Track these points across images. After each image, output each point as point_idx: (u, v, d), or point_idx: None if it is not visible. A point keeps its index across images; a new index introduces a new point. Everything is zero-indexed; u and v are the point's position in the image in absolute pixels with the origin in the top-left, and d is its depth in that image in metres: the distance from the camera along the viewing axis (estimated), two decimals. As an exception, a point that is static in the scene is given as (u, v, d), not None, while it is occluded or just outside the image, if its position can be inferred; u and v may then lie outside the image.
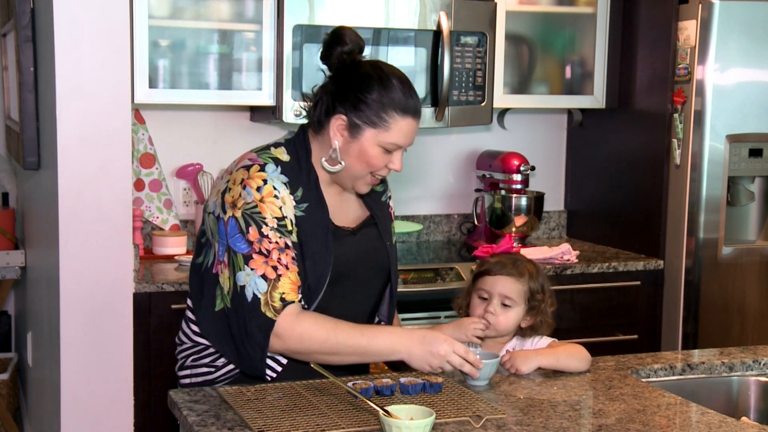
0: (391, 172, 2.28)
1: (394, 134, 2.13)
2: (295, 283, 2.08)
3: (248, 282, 2.06)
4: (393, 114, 2.12)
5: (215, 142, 3.75)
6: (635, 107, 3.82)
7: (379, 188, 2.36)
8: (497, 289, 2.31)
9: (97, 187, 2.95)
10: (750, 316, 3.63)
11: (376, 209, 2.32)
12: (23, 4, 3.29)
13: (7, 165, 4.39)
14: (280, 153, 2.18)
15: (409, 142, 2.18)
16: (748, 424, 1.93)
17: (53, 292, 3.05)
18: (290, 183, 2.14)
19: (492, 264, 2.35)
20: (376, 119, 2.12)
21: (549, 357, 2.24)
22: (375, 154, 2.14)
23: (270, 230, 2.08)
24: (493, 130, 4.15)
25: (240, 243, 2.08)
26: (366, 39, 3.45)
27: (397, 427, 1.72)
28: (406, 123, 2.14)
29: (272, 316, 2.05)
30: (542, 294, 2.34)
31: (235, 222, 2.09)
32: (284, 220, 2.10)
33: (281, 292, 2.06)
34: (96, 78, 2.92)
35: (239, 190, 2.11)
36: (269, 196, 2.10)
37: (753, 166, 3.60)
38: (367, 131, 2.12)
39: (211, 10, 3.38)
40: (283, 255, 2.07)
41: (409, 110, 2.14)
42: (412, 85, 2.18)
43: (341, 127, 2.14)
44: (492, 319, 2.30)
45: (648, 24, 3.74)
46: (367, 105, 2.12)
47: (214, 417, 1.89)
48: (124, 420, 3.03)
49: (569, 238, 4.23)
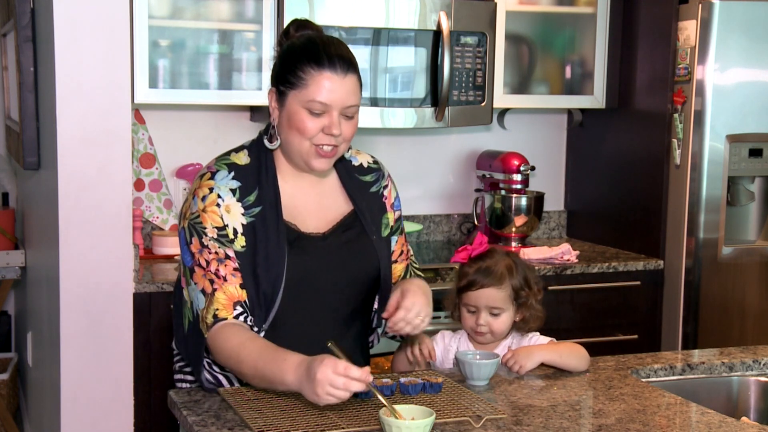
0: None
1: (312, 91, 2.01)
2: (231, 297, 2.02)
3: (194, 297, 2.06)
4: (308, 69, 2.02)
5: (215, 142, 3.75)
6: (635, 107, 3.81)
7: (369, 178, 2.26)
8: (482, 302, 2.30)
9: (97, 187, 2.95)
10: (750, 316, 3.63)
11: (361, 202, 2.21)
12: (23, 4, 3.29)
13: (7, 165, 4.40)
14: (239, 157, 2.13)
15: (335, 101, 2.03)
16: (748, 424, 1.93)
17: (53, 292, 3.05)
18: (242, 188, 2.08)
19: (471, 277, 2.30)
20: (293, 79, 2.03)
21: (552, 353, 2.24)
22: (302, 117, 2.03)
23: (210, 240, 2.04)
24: (493, 130, 4.15)
25: (186, 255, 2.07)
26: (366, 39, 3.49)
27: (397, 427, 1.72)
28: (325, 78, 2.02)
29: (205, 332, 2.03)
30: (526, 289, 2.32)
31: (183, 233, 2.08)
32: (225, 229, 2.04)
33: (215, 309, 2.02)
34: (96, 78, 2.92)
35: (190, 200, 2.10)
36: (211, 205, 2.05)
37: (753, 166, 3.60)
38: (290, 95, 2.04)
39: (211, 10, 3.38)
40: (222, 266, 2.03)
41: (323, 63, 2.02)
42: (338, 43, 2.08)
43: (274, 100, 2.09)
44: (485, 329, 2.30)
45: (648, 24, 3.74)
46: (285, 67, 2.05)
47: (214, 417, 1.89)
48: (124, 420, 3.03)
49: (569, 238, 4.23)
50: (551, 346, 2.28)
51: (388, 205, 2.29)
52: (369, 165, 2.29)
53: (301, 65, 2.03)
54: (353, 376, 1.75)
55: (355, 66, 2.07)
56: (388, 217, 2.28)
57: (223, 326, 2.01)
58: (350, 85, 2.05)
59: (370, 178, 2.27)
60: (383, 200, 2.28)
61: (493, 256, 2.35)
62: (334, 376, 1.74)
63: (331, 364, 1.75)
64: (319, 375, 1.75)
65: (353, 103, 2.06)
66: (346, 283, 2.15)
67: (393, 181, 2.34)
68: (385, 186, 2.29)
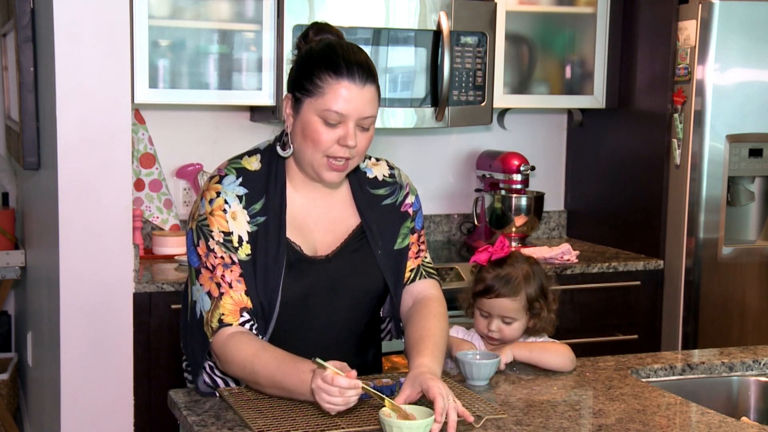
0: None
1: (329, 100, 1.96)
2: (238, 303, 2.01)
3: (198, 298, 2.05)
4: (325, 77, 1.96)
5: (215, 142, 3.75)
6: (635, 107, 3.81)
7: (382, 191, 2.20)
8: (495, 310, 2.30)
9: (97, 187, 2.95)
10: (750, 316, 3.63)
11: (369, 216, 2.16)
12: (23, 4, 3.29)
13: (7, 165, 4.39)
14: (250, 162, 2.10)
15: (352, 111, 1.97)
16: (748, 424, 1.93)
17: (53, 292, 3.05)
18: (249, 195, 2.05)
19: (488, 284, 2.30)
20: (310, 86, 1.98)
21: (522, 349, 2.27)
22: (317, 128, 1.97)
23: (216, 244, 2.02)
24: (493, 130, 4.15)
25: (192, 256, 2.06)
26: (366, 39, 3.49)
27: (397, 427, 1.72)
28: (342, 87, 1.96)
29: (210, 336, 2.02)
30: (541, 300, 2.32)
31: (191, 234, 2.07)
32: (230, 235, 2.03)
33: (221, 313, 2.01)
34: (96, 78, 2.92)
35: (199, 202, 2.09)
36: (219, 209, 2.03)
37: (753, 166, 3.60)
38: (305, 102, 1.99)
39: (211, 10, 3.38)
40: (227, 272, 2.02)
41: (341, 71, 1.96)
42: (358, 50, 2.02)
43: (288, 106, 2.04)
44: (497, 335, 2.31)
45: (648, 24, 3.74)
46: (302, 74, 2.00)
47: (214, 417, 1.89)
48: (124, 420, 3.03)
49: (569, 238, 4.23)
50: (526, 344, 2.30)
51: (410, 211, 2.24)
52: (384, 178, 2.23)
53: (319, 72, 1.98)
54: (342, 386, 1.77)
55: (375, 75, 2.01)
56: (408, 226, 2.23)
57: (232, 335, 1.99)
58: (368, 95, 1.99)
59: (384, 191, 2.21)
60: (402, 210, 2.23)
61: (513, 264, 2.32)
62: (326, 386, 1.78)
63: (320, 375, 1.80)
64: (313, 387, 1.81)
65: (370, 114, 2.00)
66: (348, 302, 2.14)
67: (411, 185, 2.28)
68: (406, 194, 2.24)
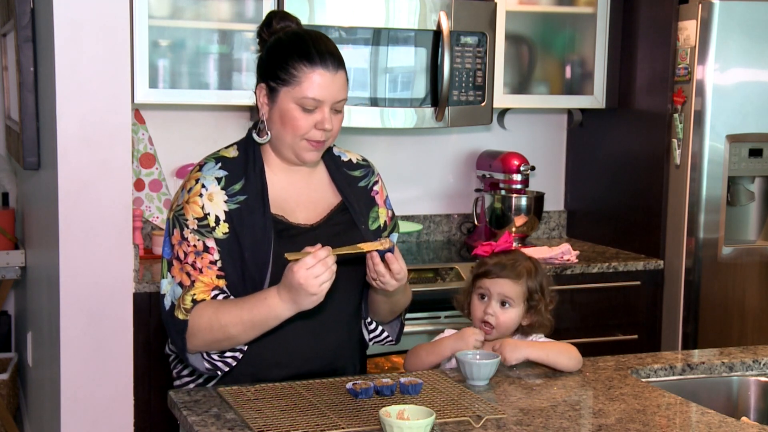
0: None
1: (305, 87, 2.07)
2: (209, 284, 2.07)
3: (168, 291, 2.09)
4: (300, 67, 2.08)
5: (215, 142, 3.71)
6: (635, 107, 3.81)
7: (357, 173, 2.31)
8: (496, 289, 2.32)
9: (97, 187, 2.95)
10: (750, 316, 3.63)
11: (349, 195, 2.26)
12: (23, 4, 3.29)
13: (7, 165, 4.40)
14: (228, 151, 2.19)
15: (327, 97, 2.09)
16: (748, 424, 1.93)
17: (53, 292, 3.05)
18: (229, 176, 2.13)
19: (490, 266, 2.35)
20: (285, 76, 2.08)
21: (539, 350, 2.25)
22: (295, 115, 2.09)
23: (190, 233, 2.09)
24: (493, 130, 4.15)
25: (166, 246, 2.13)
26: (366, 39, 3.49)
27: (398, 427, 1.72)
28: (317, 74, 2.08)
29: (184, 317, 2.06)
30: (540, 294, 2.35)
31: (168, 224, 2.14)
32: (206, 219, 2.09)
33: (192, 294, 2.07)
34: (96, 78, 2.92)
35: (179, 193, 2.16)
36: (195, 195, 2.11)
37: (753, 166, 3.60)
38: (281, 91, 2.10)
39: (211, 10, 3.38)
40: (198, 259, 2.08)
41: (315, 60, 2.08)
42: (326, 39, 2.14)
43: (263, 96, 2.14)
44: (492, 320, 2.31)
45: (648, 24, 3.74)
46: (276, 64, 2.10)
47: (214, 417, 1.89)
48: (124, 420, 3.04)
49: (569, 238, 4.23)
50: (539, 344, 2.29)
51: (379, 200, 2.33)
52: (358, 161, 2.34)
53: (293, 62, 2.08)
54: (321, 257, 1.92)
55: (343, 62, 2.14)
56: (377, 212, 2.32)
57: (195, 307, 2.06)
58: (340, 81, 2.12)
59: (359, 173, 2.32)
60: (372, 195, 2.32)
61: (516, 256, 2.39)
62: (304, 269, 1.90)
63: (300, 264, 1.91)
64: (299, 279, 1.91)
65: (343, 98, 2.14)
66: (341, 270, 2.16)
67: (383, 180, 2.38)
68: (375, 182, 2.34)
